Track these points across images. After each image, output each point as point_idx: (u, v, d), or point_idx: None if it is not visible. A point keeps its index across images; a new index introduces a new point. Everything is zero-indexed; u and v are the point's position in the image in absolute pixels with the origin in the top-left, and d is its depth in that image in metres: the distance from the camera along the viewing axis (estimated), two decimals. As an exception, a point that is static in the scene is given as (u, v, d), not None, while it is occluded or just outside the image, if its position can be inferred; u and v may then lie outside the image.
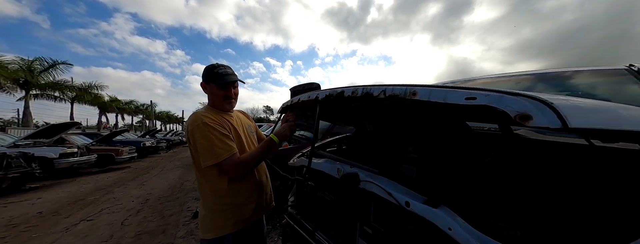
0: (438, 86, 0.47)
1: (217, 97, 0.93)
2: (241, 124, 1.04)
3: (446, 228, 0.51)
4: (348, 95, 0.67)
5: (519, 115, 0.33)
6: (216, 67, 0.91)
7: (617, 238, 0.43)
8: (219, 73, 0.90)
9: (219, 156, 0.81)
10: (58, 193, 4.06)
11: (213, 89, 0.92)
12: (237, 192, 0.91)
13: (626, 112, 0.35)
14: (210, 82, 0.91)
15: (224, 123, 0.89)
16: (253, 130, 1.13)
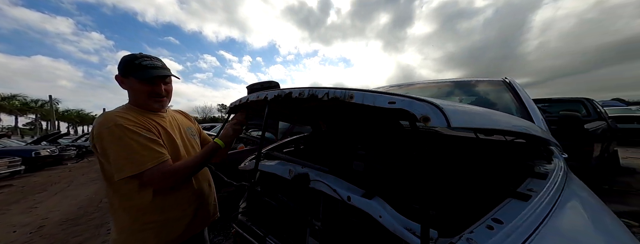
0: (370, 91, 0.55)
1: (140, 94, 0.77)
2: (177, 126, 0.90)
3: (377, 216, 0.59)
4: (296, 96, 0.70)
5: (422, 117, 0.43)
6: (138, 57, 0.76)
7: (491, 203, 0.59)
8: (141, 65, 0.74)
9: (141, 164, 0.66)
10: None
11: (133, 84, 0.76)
12: (165, 207, 0.76)
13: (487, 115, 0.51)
14: (130, 75, 0.75)
15: (148, 125, 0.75)
16: (195, 133, 0.99)
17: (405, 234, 0.51)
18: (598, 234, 0.53)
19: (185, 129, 0.93)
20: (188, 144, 0.91)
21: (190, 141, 0.93)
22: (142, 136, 0.69)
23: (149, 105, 0.80)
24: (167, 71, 0.80)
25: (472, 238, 0.46)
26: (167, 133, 0.82)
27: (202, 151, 0.82)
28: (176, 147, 0.83)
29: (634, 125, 6.14)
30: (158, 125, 0.79)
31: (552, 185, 0.67)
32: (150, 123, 0.76)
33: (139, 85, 0.76)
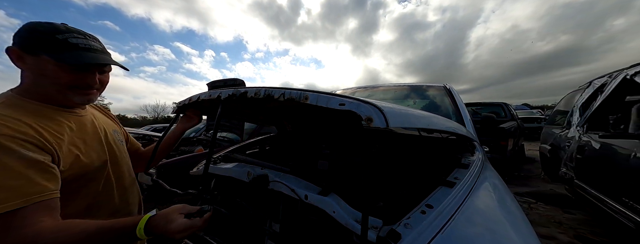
0: (323, 93, 0.58)
1: (52, 82, 0.52)
2: (101, 128, 0.66)
3: (331, 211, 0.62)
4: (251, 96, 0.68)
5: (366, 118, 0.47)
6: (62, 31, 0.52)
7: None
8: (68, 44, 0.51)
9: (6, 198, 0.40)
10: None
11: (44, 66, 0.50)
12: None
13: (421, 117, 0.60)
14: (44, 52, 0.50)
15: (45, 134, 0.49)
16: (122, 138, 0.76)
17: (355, 226, 0.55)
18: (499, 211, 0.67)
19: (110, 132, 0.69)
20: (118, 153, 0.67)
21: (119, 150, 0.69)
22: (14, 156, 0.42)
23: (66, 100, 0.55)
24: (108, 58, 0.58)
25: (408, 223, 0.52)
26: (84, 141, 0.58)
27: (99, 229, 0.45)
28: (103, 158, 0.61)
29: (534, 124, 8.15)
30: (67, 128, 0.55)
31: (471, 174, 0.81)
32: (50, 127, 0.51)
33: (55, 69, 0.51)
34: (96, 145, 0.61)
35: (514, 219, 0.63)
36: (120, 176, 0.67)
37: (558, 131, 2.74)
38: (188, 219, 0.49)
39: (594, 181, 1.60)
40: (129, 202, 0.70)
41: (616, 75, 1.74)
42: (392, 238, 0.48)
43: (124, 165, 0.70)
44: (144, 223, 0.47)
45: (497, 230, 0.57)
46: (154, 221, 0.48)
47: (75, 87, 0.55)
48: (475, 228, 0.56)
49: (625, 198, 1.20)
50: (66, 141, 0.53)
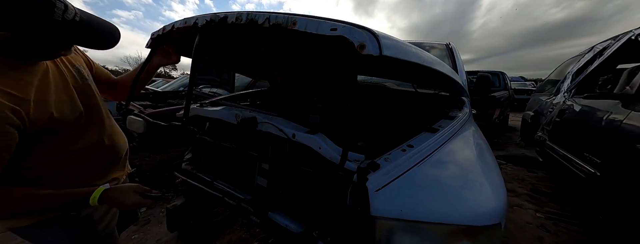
0: (314, 17, 0.49)
1: (36, 54, 0.48)
2: (56, 71, 0.56)
3: (317, 147, 0.64)
4: (232, 21, 0.58)
5: (359, 44, 0.42)
6: (52, 3, 0.42)
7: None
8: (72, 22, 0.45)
9: None
10: None
11: (46, 47, 0.47)
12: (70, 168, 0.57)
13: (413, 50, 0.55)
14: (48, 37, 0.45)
15: (19, 100, 0.45)
16: (87, 73, 0.65)
17: (338, 159, 0.58)
18: (473, 157, 0.71)
19: (71, 72, 0.60)
20: (88, 96, 0.62)
21: (87, 91, 0.62)
22: None
23: (34, 60, 0.50)
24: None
25: (388, 158, 0.56)
26: (59, 87, 0.54)
27: (48, 198, 0.49)
28: (76, 107, 0.57)
29: (524, 96, 8.34)
30: (29, 85, 0.48)
31: (455, 124, 0.84)
32: (12, 88, 0.45)
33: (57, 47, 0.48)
34: (67, 96, 0.55)
35: (485, 166, 0.66)
36: (97, 119, 0.64)
37: (545, 99, 2.79)
38: (142, 198, 0.56)
39: (564, 142, 1.72)
40: (113, 136, 0.69)
41: (621, 37, 1.64)
42: (372, 167, 0.51)
43: (96, 103, 0.65)
44: (98, 194, 0.53)
45: (468, 172, 0.61)
46: (109, 192, 0.54)
47: (44, 52, 0.49)
48: (448, 166, 0.61)
49: (587, 153, 1.32)
50: (32, 101, 0.47)
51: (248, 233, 1.59)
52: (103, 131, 0.65)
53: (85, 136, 0.60)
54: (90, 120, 0.62)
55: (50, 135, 0.53)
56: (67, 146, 0.56)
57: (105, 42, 0.52)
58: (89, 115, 0.61)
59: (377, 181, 0.49)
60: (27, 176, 0.52)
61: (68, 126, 0.55)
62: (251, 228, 1.65)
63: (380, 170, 0.52)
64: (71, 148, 0.57)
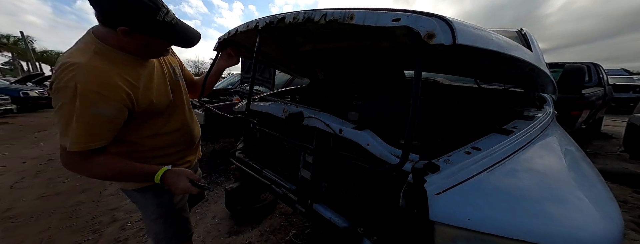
0: (373, 9, 0.48)
1: (147, 49, 0.62)
2: (166, 70, 0.75)
3: (365, 144, 0.63)
4: (289, 21, 0.61)
5: (427, 34, 0.39)
6: (158, 7, 0.55)
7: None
8: (168, 24, 0.57)
9: (76, 143, 0.54)
10: None
11: (151, 42, 0.59)
12: (157, 146, 0.73)
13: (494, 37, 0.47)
14: (153, 33, 0.57)
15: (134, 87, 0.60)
16: (179, 73, 0.83)
17: (389, 157, 0.55)
18: (566, 167, 0.57)
19: (171, 72, 0.76)
20: (177, 89, 0.78)
21: (180, 88, 0.79)
22: (95, 111, 0.54)
23: (145, 57, 0.65)
24: (195, 30, 0.66)
25: (449, 159, 0.50)
26: (159, 80, 0.69)
27: (131, 170, 0.61)
28: (167, 96, 0.72)
29: (629, 94, 6.18)
30: (147, 76, 0.65)
31: (535, 126, 0.70)
32: (129, 76, 0.60)
33: (159, 44, 0.61)
34: (163, 86, 0.71)
35: (584, 180, 0.53)
36: (180, 108, 0.80)
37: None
38: (190, 185, 0.62)
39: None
40: (191, 124, 0.85)
41: None
42: (430, 169, 0.47)
43: (182, 97, 0.81)
44: (161, 173, 0.62)
45: (560, 184, 0.49)
46: (168, 173, 0.63)
47: (157, 54, 0.67)
48: (529, 175, 0.51)
49: None
50: (142, 89, 0.63)
51: (287, 221, 1.70)
52: (185, 119, 0.81)
53: (172, 121, 0.75)
54: (177, 109, 0.77)
55: (148, 116, 0.68)
56: (159, 128, 0.71)
57: (191, 42, 0.65)
58: (176, 104, 0.77)
59: (437, 183, 0.45)
60: (129, 150, 0.68)
61: (161, 111, 0.70)
62: (289, 216, 1.76)
63: (440, 172, 0.47)
64: (161, 130, 0.72)
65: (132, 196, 0.77)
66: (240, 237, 1.51)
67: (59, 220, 1.63)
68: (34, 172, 2.47)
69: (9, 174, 2.40)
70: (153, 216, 0.78)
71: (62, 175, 2.42)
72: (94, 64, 0.55)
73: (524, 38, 1.44)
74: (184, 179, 0.63)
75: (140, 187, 0.74)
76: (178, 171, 0.64)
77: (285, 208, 1.87)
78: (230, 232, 1.55)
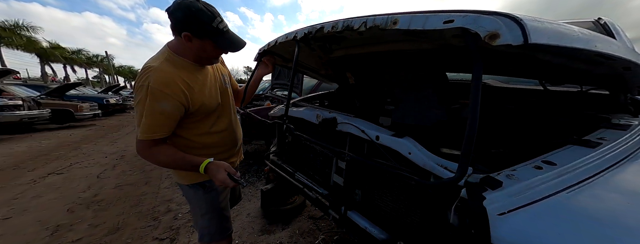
0: (419, 12, 0.45)
1: (203, 54, 0.73)
2: (218, 77, 0.86)
3: (407, 152, 0.59)
4: (328, 31, 0.62)
5: (489, 35, 0.34)
6: (213, 17, 0.66)
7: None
8: (221, 30, 0.68)
9: (146, 132, 0.66)
10: (12, 148, 3.72)
11: (206, 46, 0.70)
12: (207, 145, 0.83)
13: (577, 32, 0.39)
14: (208, 38, 0.68)
15: (190, 89, 0.71)
16: (228, 80, 0.95)
17: (435, 168, 0.51)
18: None
19: (221, 80, 0.89)
20: (225, 95, 0.89)
21: (227, 93, 0.91)
22: (159, 106, 0.65)
23: (201, 63, 0.77)
24: (242, 39, 0.76)
25: (513, 175, 0.43)
26: (210, 86, 0.80)
27: (184, 158, 0.72)
28: (216, 99, 0.82)
29: None
30: (202, 81, 0.77)
31: (631, 138, 0.55)
32: (189, 80, 0.72)
33: (213, 50, 0.71)
34: (213, 91, 0.82)
35: None
36: (227, 111, 0.90)
37: None
38: (228, 178, 0.70)
39: None
40: (235, 127, 0.95)
41: None
42: (489, 184, 0.42)
43: (229, 102, 0.92)
44: (205, 164, 0.71)
45: None
46: (211, 165, 0.71)
47: (212, 59, 0.78)
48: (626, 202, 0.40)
49: None
50: (196, 91, 0.74)
51: (315, 225, 1.70)
52: (230, 122, 0.90)
53: (219, 122, 0.85)
54: (224, 111, 0.88)
55: (200, 116, 0.78)
56: (208, 127, 0.82)
57: (237, 47, 0.75)
58: (224, 107, 0.87)
59: (499, 202, 0.39)
60: (182, 145, 0.79)
61: (210, 112, 0.80)
62: (317, 220, 1.76)
63: (502, 189, 0.41)
64: (210, 129, 0.82)
65: (185, 190, 0.87)
66: (271, 236, 1.57)
67: (130, 207, 1.96)
68: (113, 165, 3.03)
69: (97, 166, 2.99)
70: (201, 211, 0.87)
71: (132, 169, 2.91)
72: (162, 68, 0.67)
73: (605, 29, 1.18)
74: (222, 171, 0.71)
75: (193, 183, 0.84)
76: (219, 164, 0.72)
77: (313, 211, 1.88)
78: (263, 230, 1.63)
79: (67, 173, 2.69)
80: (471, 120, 0.36)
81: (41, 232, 1.59)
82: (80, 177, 2.59)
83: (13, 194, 2.13)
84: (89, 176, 2.60)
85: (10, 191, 2.18)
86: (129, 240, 1.53)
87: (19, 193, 2.16)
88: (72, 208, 1.90)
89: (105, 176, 2.64)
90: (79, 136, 4.74)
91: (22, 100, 4.80)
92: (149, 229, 1.64)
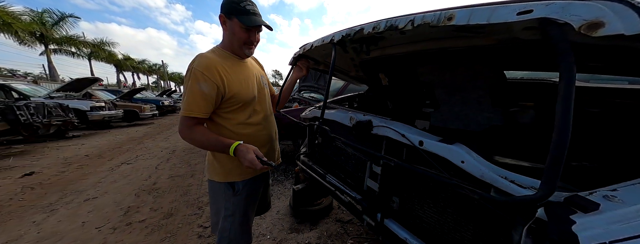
0: (481, 4, 0.40)
1: (236, 39, 0.81)
2: (254, 74, 0.94)
3: (459, 161, 0.53)
4: (368, 32, 0.60)
5: (586, 25, 0.28)
6: (243, 0, 0.77)
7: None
8: (246, 10, 0.77)
9: (185, 109, 0.75)
10: (98, 141, 4.62)
11: (235, 28, 0.79)
12: (242, 135, 0.87)
13: None
14: (234, 16, 0.77)
15: (228, 76, 0.79)
16: (265, 82, 1.02)
17: (500, 181, 0.44)
18: None
19: (259, 78, 0.97)
20: (262, 92, 0.96)
21: (263, 89, 0.97)
22: (198, 87, 0.74)
23: (240, 51, 0.85)
24: (262, 20, 0.83)
25: (614, 196, 0.35)
26: (247, 79, 0.87)
27: (217, 140, 0.78)
28: (252, 92, 0.88)
29: None
30: (240, 72, 0.85)
31: None
32: (232, 71, 0.81)
33: (239, 30, 0.80)
34: (250, 84, 0.88)
35: None
36: (262, 107, 0.95)
37: None
38: (255, 157, 0.73)
39: None
40: (270, 127, 0.99)
41: None
42: (579, 206, 0.34)
43: (265, 99, 0.97)
44: (235, 145, 0.76)
45: None
46: (240, 146, 0.76)
47: (246, 43, 0.83)
48: None
49: None
50: (233, 79, 0.82)
51: (343, 228, 1.68)
52: (266, 117, 0.96)
53: (254, 115, 0.91)
54: (260, 106, 0.93)
55: (236, 105, 0.84)
56: (245, 117, 0.88)
57: (257, 23, 0.80)
58: (260, 103, 0.93)
59: (596, 229, 0.31)
60: (219, 132, 0.84)
61: (246, 102, 0.86)
62: (345, 224, 1.73)
63: (599, 213, 0.33)
64: (247, 120, 0.88)
65: (214, 188, 0.90)
66: (300, 235, 1.60)
67: (180, 195, 2.24)
68: (167, 159, 3.52)
69: (155, 159, 3.51)
70: (225, 213, 0.89)
71: (181, 162, 3.33)
72: (207, 55, 0.79)
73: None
74: (251, 152, 0.74)
75: (225, 181, 0.87)
76: (248, 146, 0.76)
77: (340, 214, 1.86)
78: (292, 229, 1.67)
79: (134, 164, 3.22)
80: (561, 125, 0.30)
81: (117, 211, 1.93)
82: (143, 167, 3.07)
83: (98, 178, 2.65)
84: (149, 167, 3.06)
85: (97, 176, 2.72)
86: (180, 225, 1.75)
87: (103, 177, 2.67)
88: (138, 193, 2.26)
89: (161, 168, 3.07)
90: (141, 133, 5.64)
91: (104, 102, 5.95)
92: (195, 217, 1.85)
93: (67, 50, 15.14)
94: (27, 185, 2.40)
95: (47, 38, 13.04)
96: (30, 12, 11.97)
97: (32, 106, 3.84)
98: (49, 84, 11.30)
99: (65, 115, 4.46)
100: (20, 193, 2.21)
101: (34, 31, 12.06)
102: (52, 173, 2.76)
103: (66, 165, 3.09)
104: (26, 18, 11.54)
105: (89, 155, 3.61)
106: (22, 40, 11.22)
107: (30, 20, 11.76)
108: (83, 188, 2.36)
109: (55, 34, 13.38)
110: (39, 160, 3.27)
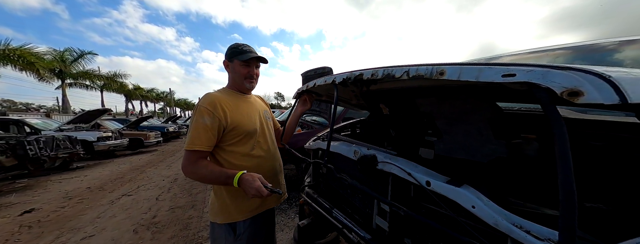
0: (469, 63, 0.44)
1: (238, 75, 0.92)
2: (257, 109, 1.00)
3: (469, 206, 0.51)
4: (367, 78, 0.65)
5: (567, 91, 0.31)
6: (240, 45, 0.92)
7: None
8: (244, 51, 0.90)
9: (189, 144, 0.78)
10: (100, 171, 4.60)
11: (236, 67, 0.91)
12: (246, 168, 0.86)
13: None
14: (234, 58, 0.89)
15: (230, 109, 0.85)
16: (269, 116, 1.09)
17: (514, 230, 0.43)
18: None
19: (262, 112, 1.02)
20: (264, 126, 1.00)
21: (266, 124, 1.02)
22: (201, 120, 0.79)
23: (243, 86, 0.94)
24: (260, 55, 0.94)
25: None
26: (250, 112, 0.93)
27: (221, 172, 0.78)
28: (254, 124, 0.92)
29: None
30: (242, 106, 0.92)
31: None
32: (236, 106, 0.89)
33: (240, 67, 0.90)
34: (252, 116, 0.94)
35: None
36: (265, 139, 0.98)
37: None
38: (261, 185, 0.73)
39: None
40: (274, 160, 1.01)
41: None
42: None
43: (267, 133, 1.01)
44: (239, 175, 0.76)
45: None
46: (245, 175, 0.76)
47: (246, 77, 0.92)
48: None
49: None
50: (235, 112, 0.88)
51: (354, 266, 1.54)
52: (269, 149, 0.99)
53: (256, 148, 0.93)
54: (263, 138, 0.97)
55: (239, 137, 0.87)
56: (249, 149, 0.90)
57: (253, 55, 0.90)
58: (261, 135, 0.96)
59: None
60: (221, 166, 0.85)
61: (248, 133, 0.89)
62: (356, 261, 1.59)
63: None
64: (250, 152, 0.90)
65: (216, 231, 0.89)
66: (308, 277, 1.46)
67: (179, 230, 2.13)
68: (168, 188, 3.44)
69: (155, 188, 3.44)
70: None
71: (182, 192, 3.24)
72: (213, 94, 0.87)
73: None
74: (257, 180, 0.74)
75: (225, 222, 0.86)
76: (252, 174, 0.76)
77: (352, 249, 1.72)
78: (299, 268, 1.53)
79: (135, 195, 3.14)
80: (564, 185, 0.30)
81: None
82: (144, 199, 2.98)
83: (98, 213, 2.57)
84: (150, 199, 2.98)
85: (96, 211, 2.63)
86: (178, 267, 1.62)
87: (102, 212, 2.59)
88: (136, 229, 2.16)
89: (162, 198, 2.99)
90: (144, 161, 5.62)
91: (112, 132, 6.09)
92: (194, 257, 1.72)
93: (82, 83, 16.07)
94: (25, 224, 2.33)
95: (65, 74, 13.89)
96: (52, 52, 12.88)
97: (42, 140, 3.92)
98: (60, 116, 11.68)
99: (72, 147, 4.53)
100: (16, 233, 2.13)
101: (53, 68, 12.87)
102: (51, 210, 2.69)
103: (67, 199, 3.03)
104: (49, 57, 12.38)
105: (91, 187, 3.56)
106: (41, 76, 11.84)
107: (52, 59, 12.58)
108: (81, 225, 2.27)
109: (73, 69, 14.30)
110: (41, 195, 3.23)
